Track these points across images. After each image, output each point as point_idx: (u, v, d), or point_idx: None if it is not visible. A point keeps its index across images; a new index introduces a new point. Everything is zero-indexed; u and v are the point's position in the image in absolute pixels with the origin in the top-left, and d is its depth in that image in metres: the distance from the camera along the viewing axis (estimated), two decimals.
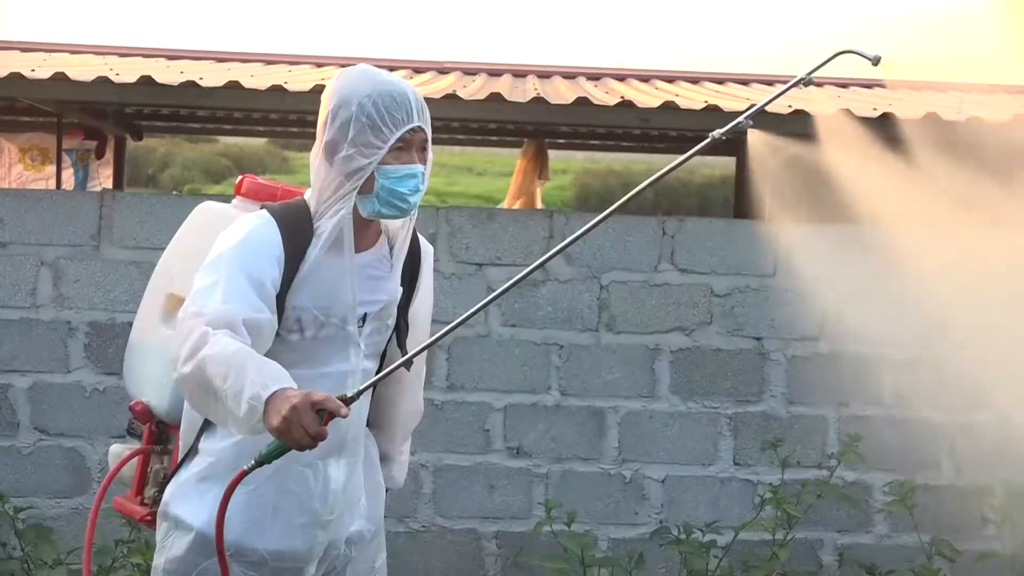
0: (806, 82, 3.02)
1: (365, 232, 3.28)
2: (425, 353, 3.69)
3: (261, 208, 3.27)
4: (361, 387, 2.97)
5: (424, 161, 3.22)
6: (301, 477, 3.28)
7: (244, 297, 3.05)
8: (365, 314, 3.28)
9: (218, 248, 3.15)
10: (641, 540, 6.65)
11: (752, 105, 3.06)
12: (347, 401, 2.89)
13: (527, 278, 3.06)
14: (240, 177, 3.56)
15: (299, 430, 2.79)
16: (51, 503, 6.53)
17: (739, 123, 2.97)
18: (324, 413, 2.82)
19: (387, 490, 3.73)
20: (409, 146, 3.16)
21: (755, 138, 3.22)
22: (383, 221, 3.32)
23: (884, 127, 6.74)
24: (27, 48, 10.21)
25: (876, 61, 3.01)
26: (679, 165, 3.02)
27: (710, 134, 2.93)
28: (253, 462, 2.97)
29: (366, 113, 3.10)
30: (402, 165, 3.15)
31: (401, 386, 3.60)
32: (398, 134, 3.12)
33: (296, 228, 3.18)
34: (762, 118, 3.02)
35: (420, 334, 3.58)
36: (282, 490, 3.27)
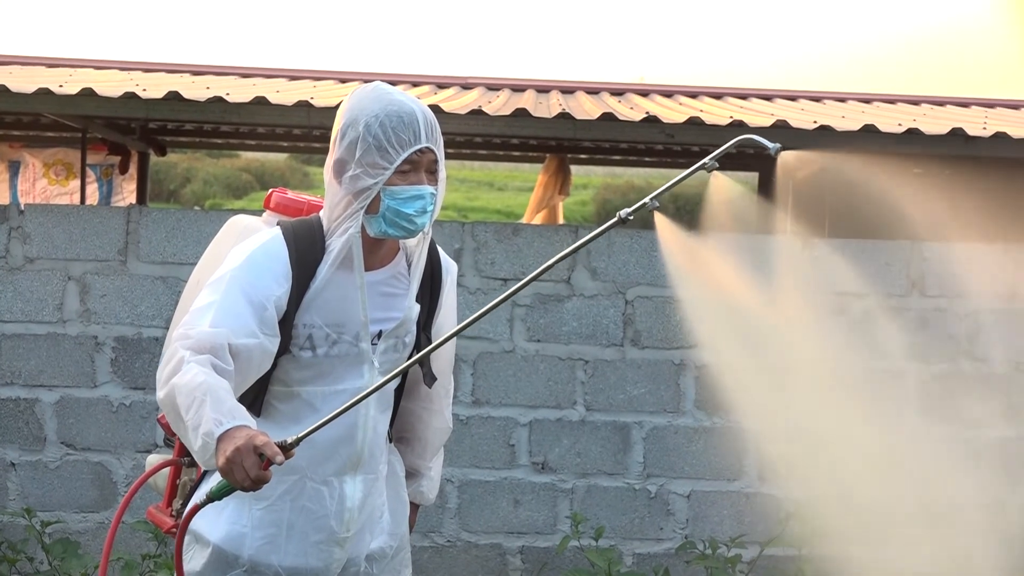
0: (709, 167, 2.98)
1: (378, 250, 3.27)
2: (451, 368, 3.70)
3: (277, 224, 3.29)
4: (301, 434, 2.91)
5: (434, 182, 3.20)
6: (316, 495, 3.29)
7: (236, 321, 3.06)
8: (380, 331, 3.28)
9: (225, 266, 3.16)
10: (667, 555, 6.64)
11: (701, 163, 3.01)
12: (287, 447, 2.87)
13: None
14: (270, 191, 3.57)
15: (240, 472, 2.79)
16: (78, 517, 6.54)
17: (645, 204, 2.94)
18: (265, 457, 2.82)
19: (418, 506, 3.74)
20: (417, 167, 3.15)
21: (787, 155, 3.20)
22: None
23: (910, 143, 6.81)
24: (52, 64, 10.27)
25: (776, 152, 2.99)
26: (592, 239, 3.04)
27: (618, 214, 2.92)
28: (204, 497, 3.00)
29: (372, 133, 3.10)
30: (409, 186, 3.14)
31: (428, 402, 3.61)
32: (404, 155, 3.11)
33: (307, 246, 3.18)
34: (787, 134, 3.01)
35: (445, 352, 3.58)
36: (297, 507, 3.28)
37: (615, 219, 2.92)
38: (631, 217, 2.91)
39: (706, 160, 2.96)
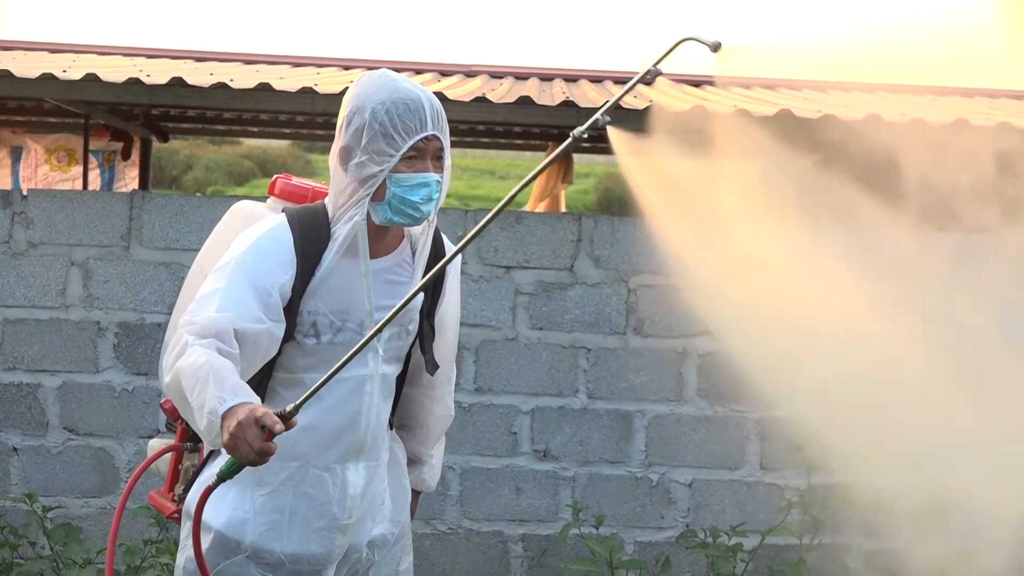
0: (654, 73, 2.94)
1: (383, 238, 3.28)
2: (454, 355, 3.71)
3: (282, 211, 3.29)
4: (298, 400, 2.91)
5: (440, 169, 3.21)
6: (319, 481, 3.30)
7: (242, 306, 3.06)
8: None
9: (230, 252, 3.17)
10: (668, 543, 6.64)
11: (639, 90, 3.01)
12: (286, 416, 2.86)
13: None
14: (274, 177, 3.57)
15: (244, 446, 2.80)
16: (80, 503, 6.55)
17: (596, 120, 2.91)
18: (266, 428, 2.82)
19: (419, 493, 3.75)
20: (423, 154, 3.16)
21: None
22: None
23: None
24: (55, 49, 10.24)
25: (716, 47, 2.93)
26: (549, 164, 3.02)
27: (571, 134, 2.88)
28: (216, 478, 2.99)
29: (379, 120, 3.10)
30: (415, 173, 3.15)
31: (430, 389, 3.61)
32: (411, 142, 3.12)
33: (313, 233, 3.19)
34: (791, 123, 2.99)
35: (448, 339, 3.59)
36: (299, 494, 3.29)
37: (569, 139, 2.89)
38: (585, 135, 2.88)
39: (649, 67, 2.94)
